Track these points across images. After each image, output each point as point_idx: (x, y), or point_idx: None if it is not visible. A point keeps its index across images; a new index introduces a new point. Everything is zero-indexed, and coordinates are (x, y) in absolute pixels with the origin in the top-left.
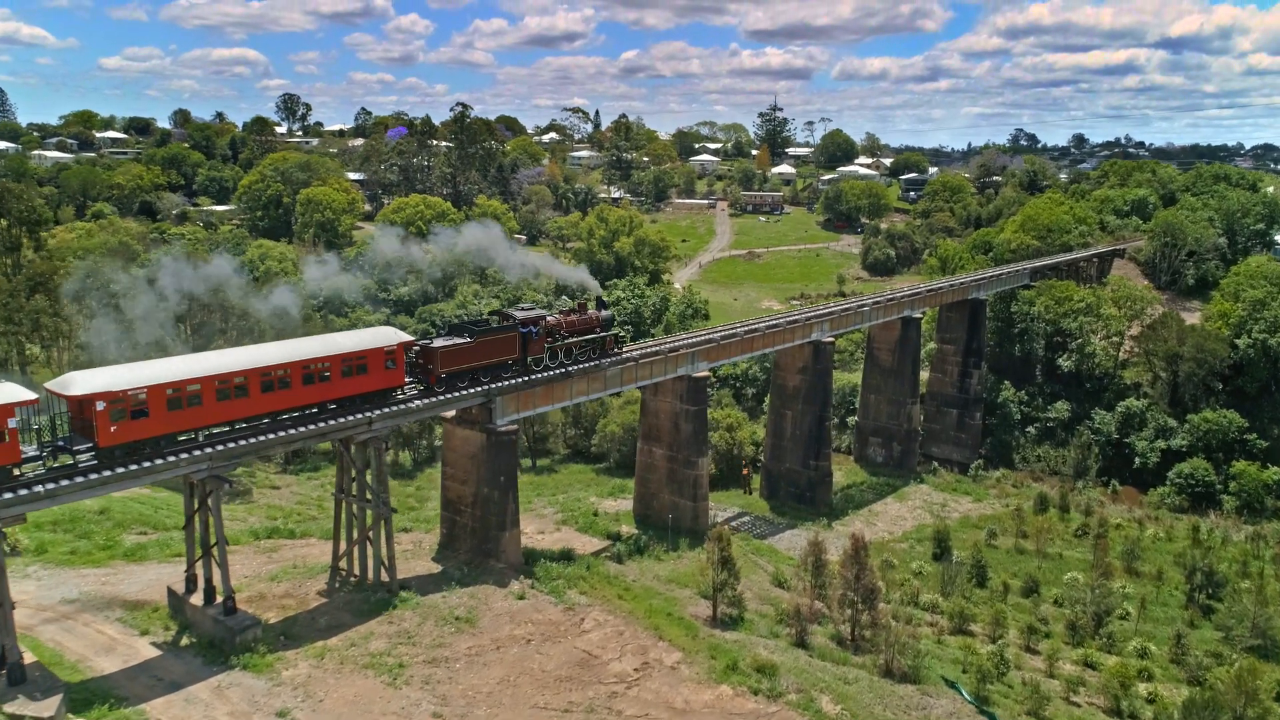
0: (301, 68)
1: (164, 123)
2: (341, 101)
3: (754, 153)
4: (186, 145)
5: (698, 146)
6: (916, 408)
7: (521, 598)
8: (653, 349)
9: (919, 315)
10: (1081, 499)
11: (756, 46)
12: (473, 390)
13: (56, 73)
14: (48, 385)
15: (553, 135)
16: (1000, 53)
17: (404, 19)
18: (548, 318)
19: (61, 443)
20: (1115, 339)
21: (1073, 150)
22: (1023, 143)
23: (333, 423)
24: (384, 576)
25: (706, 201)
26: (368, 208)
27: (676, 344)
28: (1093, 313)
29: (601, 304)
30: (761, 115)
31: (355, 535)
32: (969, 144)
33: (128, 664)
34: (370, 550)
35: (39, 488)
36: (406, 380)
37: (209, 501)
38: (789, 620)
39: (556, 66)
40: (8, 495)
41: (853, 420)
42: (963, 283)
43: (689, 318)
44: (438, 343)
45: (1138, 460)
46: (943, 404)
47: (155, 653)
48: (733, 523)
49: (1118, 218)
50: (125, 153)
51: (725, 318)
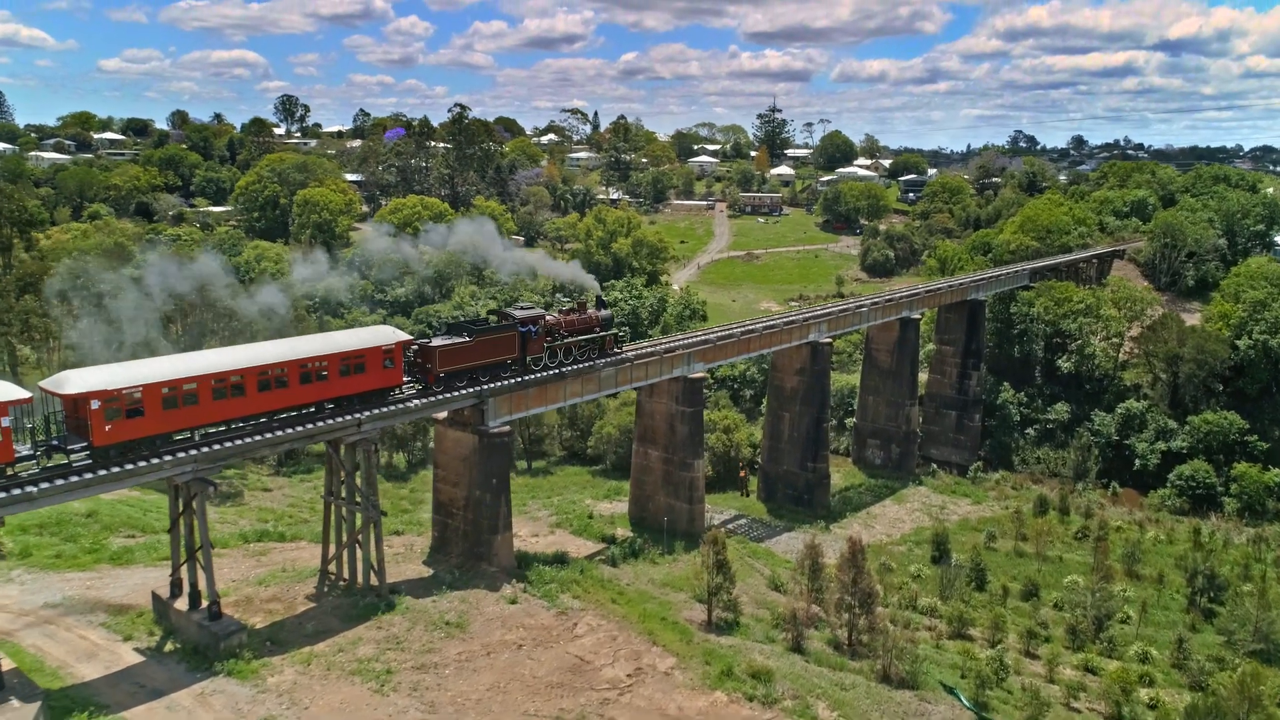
0: (301, 70)
1: (162, 124)
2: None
3: (753, 154)
4: (184, 146)
5: (696, 148)
6: (915, 409)
7: (513, 602)
8: (648, 350)
9: (918, 316)
10: (1081, 501)
11: (755, 48)
12: (465, 391)
13: (56, 74)
14: (42, 384)
15: (551, 137)
16: (999, 55)
17: (404, 21)
18: (547, 317)
19: (56, 442)
20: (1115, 340)
21: (1072, 152)
22: (1022, 145)
23: (321, 424)
24: (373, 580)
25: (705, 203)
26: (365, 209)
27: (672, 345)
28: (1092, 314)
29: (601, 303)
30: (760, 117)
31: (345, 538)
32: (968, 146)
33: (109, 670)
34: (360, 554)
35: (16, 490)
36: (405, 380)
37: (194, 504)
38: (785, 625)
39: (556, 68)
40: (0, 495)
41: (851, 422)
42: (962, 283)
43: (687, 319)
44: (436, 342)
45: (1138, 462)
46: (941, 405)
47: (138, 659)
48: (729, 525)
49: (1117, 219)
50: (123, 154)
51: (723, 319)
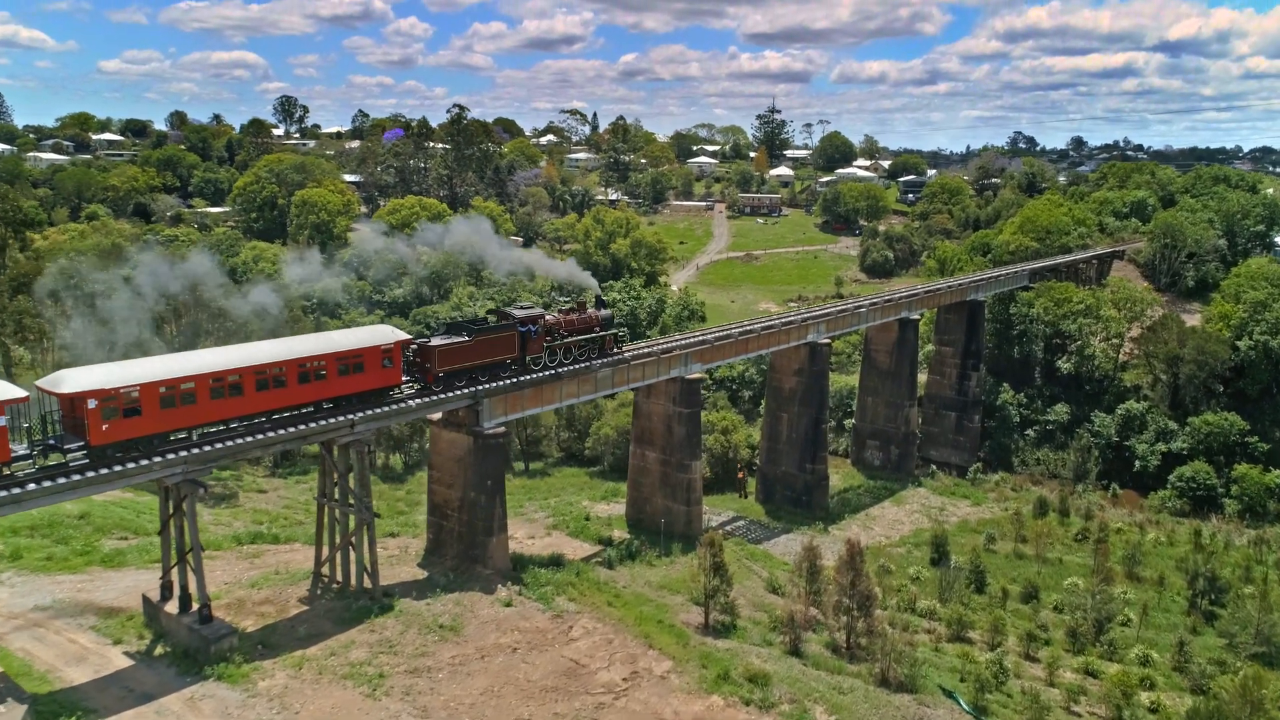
0: (301, 71)
1: (161, 125)
2: (341, 104)
3: (752, 155)
4: (182, 147)
5: (695, 149)
6: (914, 410)
7: (508, 605)
8: (645, 350)
9: (917, 317)
10: (1081, 503)
11: (755, 50)
12: (459, 392)
13: (55, 76)
14: (38, 383)
15: (550, 137)
16: (999, 56)
17: (403, 22)
18: (546, 317)
19: (53, 441)
20: (1115, 341)
21: (1071, 153)
22: (1021, 145)
23: (313, 425)
24: (366, 583)
25: (704, 203)
26: (364, 210)
27: (669, 345)
28: (1092, 314)
29: (601, 303)
30: (759, 117)
31: (338, 541)
32: (967, 147)
33: (99, 674)
34: (353, 556)
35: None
36: (404, 379)
37: (184, 506)
38: (783, 628)
39: (555, 70)
40: None
41: (850, 423)
42: (961, 284)
43: (685, 319)
44: (435, 341)
45: (1138, 463)
46: (941, 406)
47: (128, 663)
48: (727, 527)
49: (1117, 219)
50: (121, 154)
51: (722, 320)
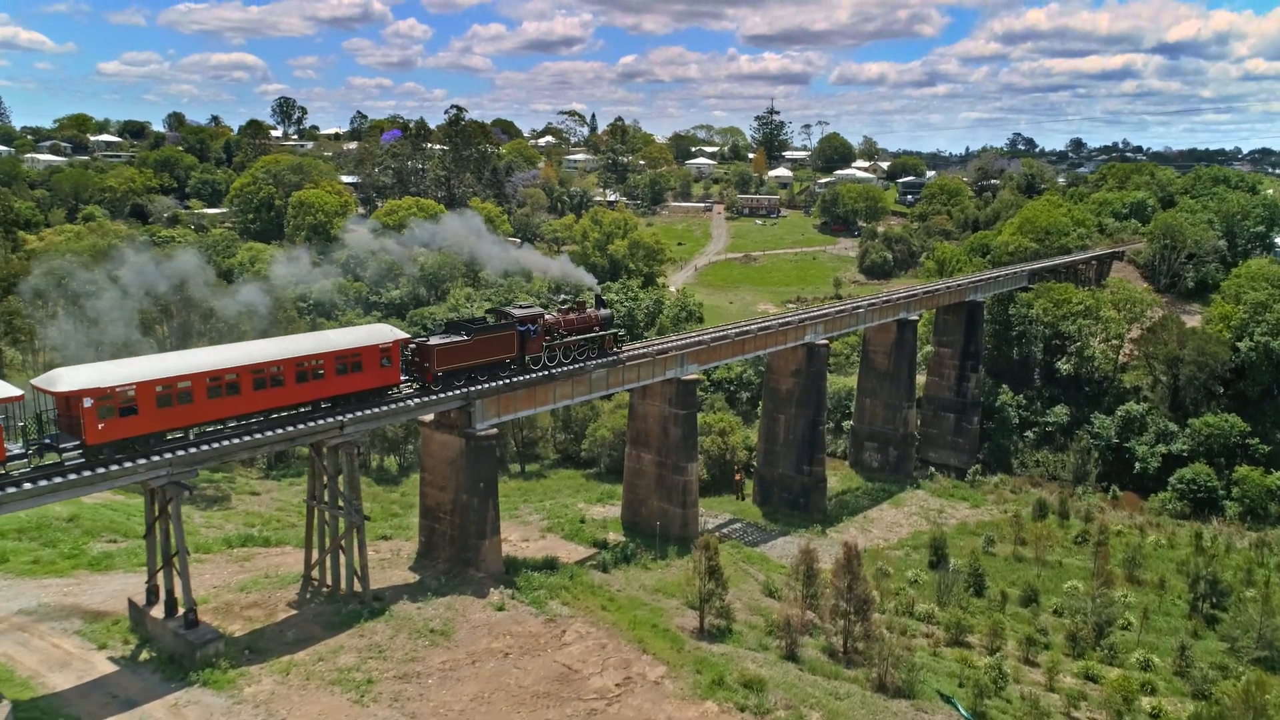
0: (300, 73)
1: (160, 127)
2: (340, 106)
3: (751, 156)
4: (180, 148)
5: (694, 150)
6: (913, 412)
7: (500, 609)
8: (640, 351)
9: (915, 318)
10: (1081, 505)
11: (754, 51)
12: (452, 393)
13: (55, 77)
14: (34, 381)
15: (549, 139)
16: (998, 58)
17: (402, 24)
18: (546, 316)
19: (48, 440)
20: (1115, 342)
21: (1070, 154)
22: (1020, 147)
23: (301, 427)
24: (356, 587)
25: (703, 205)
26: (361, 211)
27: (665, 346)
28: (1092, 315)
29: (601, 302)
30: (758, 119)
31: (328, 544)
32: (966, 148)
33: (82, 680)
34: (343, 559)
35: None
36: (402, 379)
37: (169, 509)
38: (779, 632)
39: (555, 71)
40: None
41: (848, 424)
42: (960, 285)
43: (683, 320)
44: (434, 341)
45: (1138, 465)
46: (940, 408)
47: (112, 668)
48: (724, 530)
49: (1116, 220)
50: (119, 156)
51: (720, 321)
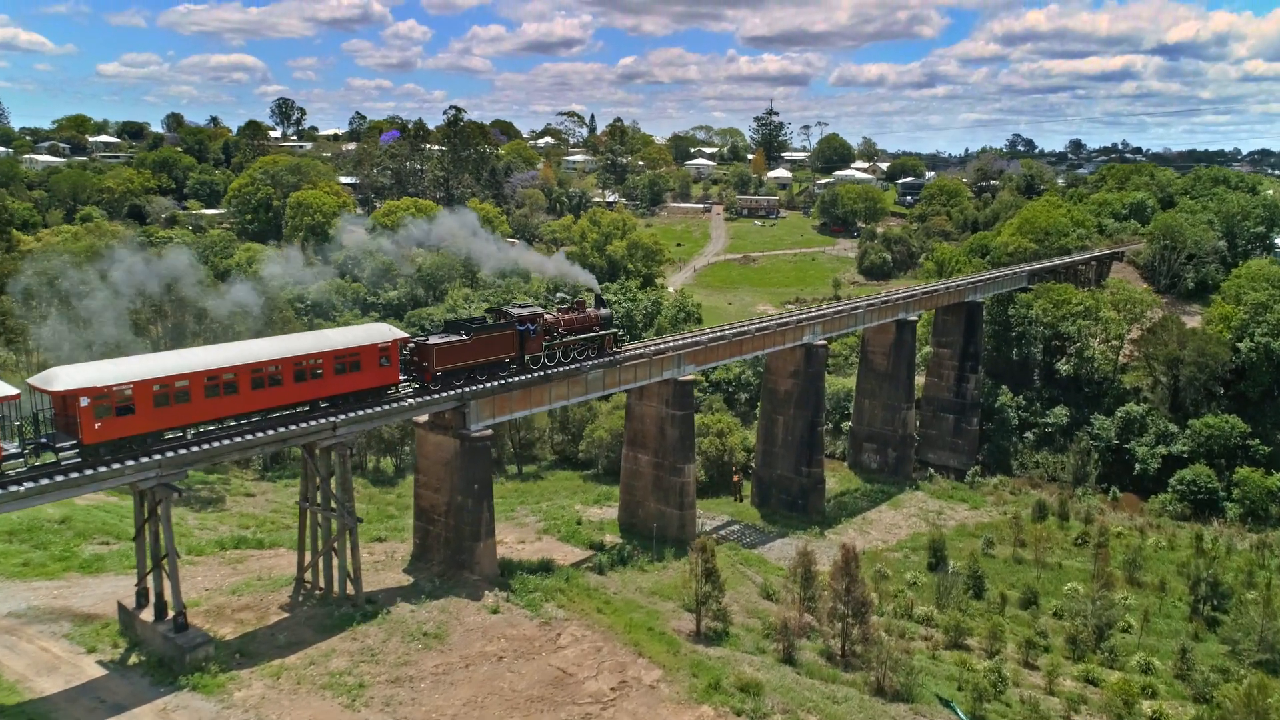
0: (299, 74)
1: (158, 127)
2: (339, 108)
3: (750, 157)
4: (179, 149)
5: (693, 151)
6: (912, 413)
7: (495, 612)
8: (637, 351)
9: (914, 318)
10: (1081, 506)
11: (754, 53)
12: (447, 393)
13: (54, 79)
14: (30, 380)
15: (548, 139)
16: (997, 59)
17: (402, 25)
18: (545, 316)
19: (45, 440)
20: (1115, 343)
21: (1070, 155)
22: (1020, 148)
23: (293, 428)
24: (349, 589)
25: (702, 206)
26: (360, 211)
27: (662, 346)
28: (1091, 316)
29: (600, 302)
30: (757, 119)
31: (321, 546)
32: (966, 149)
33: (70, 684)
34: (336, 562)
35: None
36: (401, 379)
37: (159, 511)
38: (776, 635)
39: (554, 73)
40: None
41: (847, 425)
42: (959, 285)
43: (681, 321)
44: (433, 340)
45: (1138, 466)
46: (939, 409)
47: (101, 672)
48: (722, 531)
49: (1116, 221)
50: (117, 157)
51: (719, 322)
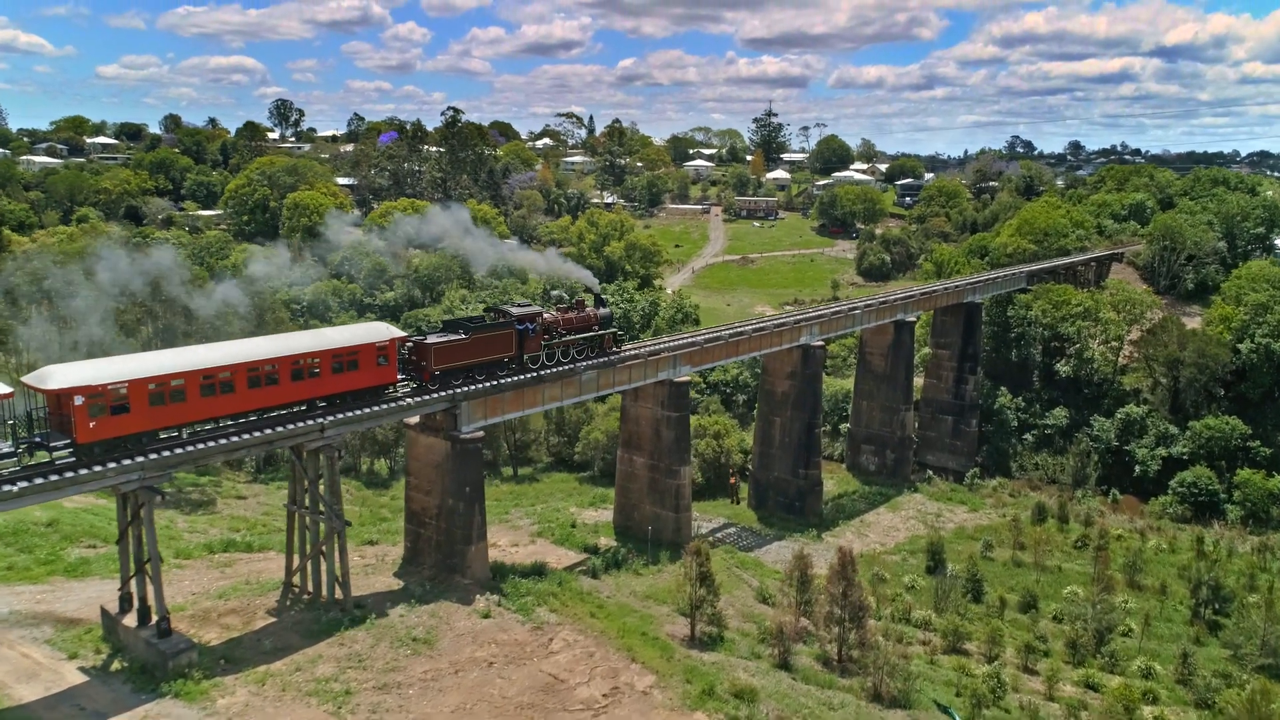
0: (299, 76)
1: (157, 129)
2: (339, 109)
3: (749, 158)
4: (176, 150)
5: (692, 152)
6: (910, 414)
7: (486, 616)
8: (632, 352)
9: (912, 319)
10: (1081, 508)
11: (753, 55)
12: (436, 395)
13: (53, 80)
14: (24, 379)
15: (546, 141)
16: (996, 61)
17: (401, 27)
18: (544, 315)
19: (39, 439)
20: (1114, 344)
21: (1069, 157)
22: (1019, 150)
23: (280, 429)
24: (338, 594)
25: (700, 207)
26: (357, 212)
27: (657, 347)
28: (1091, 317)
29: (600, 301)
30: (756, 121)
31: (309, 550)
32: (965, 151)
33: (50, 691)
34: (324, 565)
35: None
36: (399, 378)
37: (142, 514)
38: (772, 640)
39: (554, 75)
40: None
41: (845, 427)
42: (958, 286)
43: (678, 322)
44: (431, 339)
45: (1138, 468)
46: (937, 410)
47: (82, 679)
48: (718, 534)
49: (1115, 222)
50: (115, 158)
51: (717, 323)
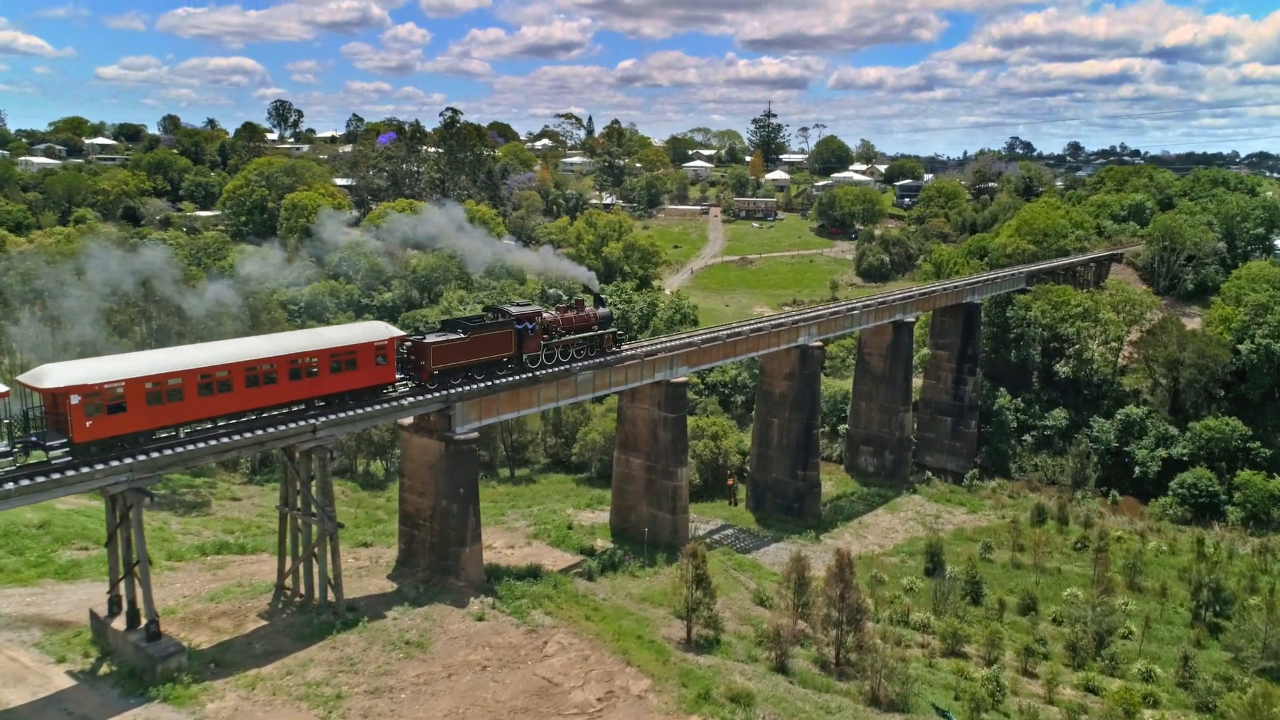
0: (298, 77)
1: (155, 130)
2: (338, 110)
3: (748, 159)
4: (175, 151)
5: (691, 153)
6: (909, 415)
7: (480, 619)
8: (629, 353)
9: (911, 320)
10: (1080, 510)
11: (753, 56)
12: (430, 395)
13: (53, 81)
14: (20, 378)
15: (545, 142)
16: (996, 62)
17: (401, 28)
18: (544, 314)
19: (35, 438)
20: (1114, 345)
21: (1068, 158)
22: (1018, 151)
23: (272, 430)
24: (330, 596)
25: (699, 208)
26: (355, 213)
27: (654, 347)
28: (1090, 317)
29: (600, 301)
30: (755, 121)
31: (301, 552)
32: (964, 152)
33: (36, 696)
34: (316, 568)
35: None
36: (398, 377)
37: (130, 516)
38: (769, 643)
39: (553, 76)
40: None
41: (843, 428)
42: (957, 286)
43: (677, 323)
44: (430, 338)
45: (1138, 470)
46: (936, 411)
47: (69, 683)
48: (715, 536)
49: (1115, 223)
50: (114, 159)
51: (716, 324)
